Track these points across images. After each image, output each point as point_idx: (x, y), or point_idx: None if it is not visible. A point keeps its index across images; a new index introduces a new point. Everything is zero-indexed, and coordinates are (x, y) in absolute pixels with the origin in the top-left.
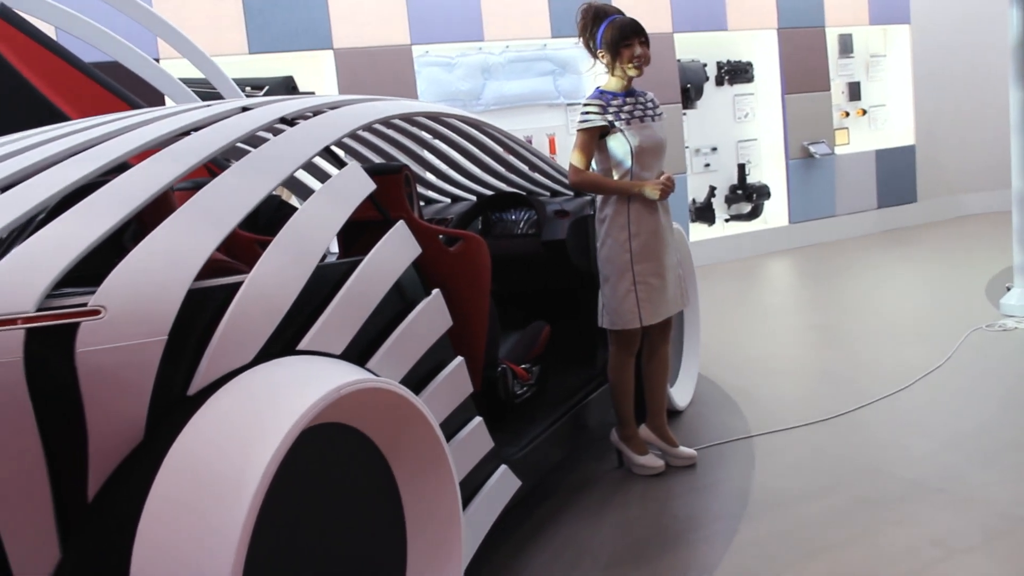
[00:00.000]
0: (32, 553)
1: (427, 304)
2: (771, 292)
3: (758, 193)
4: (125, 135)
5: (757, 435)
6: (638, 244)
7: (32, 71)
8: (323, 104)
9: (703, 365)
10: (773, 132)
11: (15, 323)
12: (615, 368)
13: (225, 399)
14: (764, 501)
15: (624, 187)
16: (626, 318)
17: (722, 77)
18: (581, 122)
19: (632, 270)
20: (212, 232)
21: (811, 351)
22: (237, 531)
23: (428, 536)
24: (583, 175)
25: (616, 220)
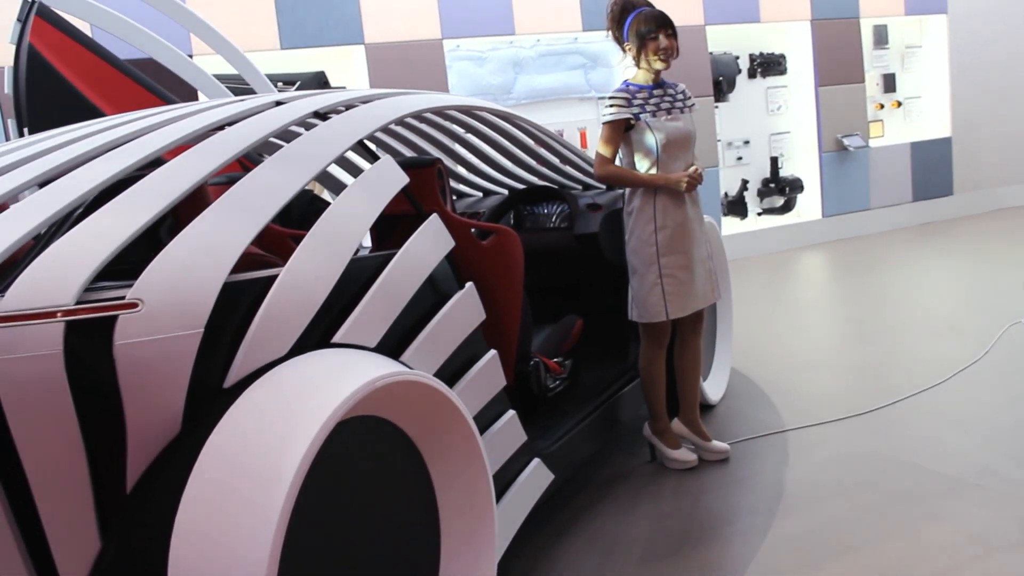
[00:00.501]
0: (73, 543)
1: (461, 297)
2: (804, 286)
3: (791, 186)
4: (160, 130)
5: (791, 430)
6: (664, 237)
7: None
8: (355, 98)
9: (736, 359)
10: (806, 125)
11: (54, 316)
12: (646, 361)
13: (261, 391)
14: (799, 496)
15: (649, 179)
16: (652, 311)
17: (754, 69)
18: (606, 115)
19: (658, 263)
20: (247, 226)
21: (845, 345)
22: (273, 522)
23: (461, 529)
24: (608, 168)
25: (642, 213)
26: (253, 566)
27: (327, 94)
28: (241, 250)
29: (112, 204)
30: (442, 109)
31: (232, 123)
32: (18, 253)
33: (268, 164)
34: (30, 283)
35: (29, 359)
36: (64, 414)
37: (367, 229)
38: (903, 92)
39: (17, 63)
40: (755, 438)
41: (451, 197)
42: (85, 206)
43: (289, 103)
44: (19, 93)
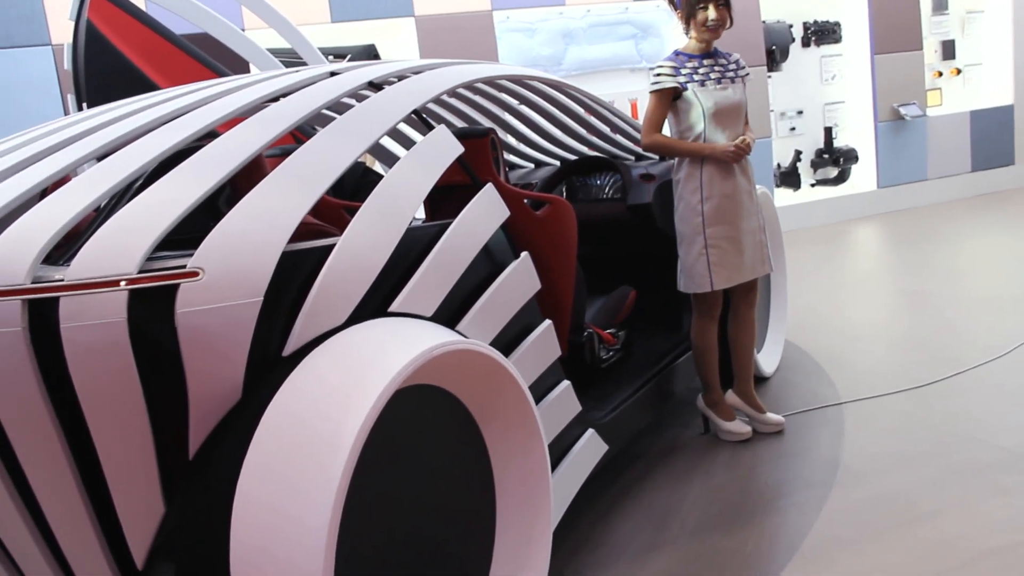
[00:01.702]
0: (138, 507)
1: (516, 267)
2: (859, 258)
3: (845, 157)
4: (217, 102)
5: (847, 402)
6: (710, 207)
7: (126, 44)
8: (407, 69)
9: (790, 331)
10: (861, 94)
11: (118, 284)
12: (697, 332)
13: (320, 360)
14: (855, 469)
15: (695, 149)
16: (698, 281)
17: (808, 38)
18: (653, 84)
19: (704, 233)
20: (304, 195)
21: (901, 317)
22: (333, 490)
23: (517, 498)
24: (655, 137)
25: (689, 182)
26: (313, 532)
27: (380, 65)
28: (299, 220)
29: (172, 175)
30: (493, 79)
31: (287, 94)
32: (80, 224)
33: (324, 135)
34: (94, 253)
35: (94, 326)
36: (128, 381)
37: (423, 198)
38: (963, 59)
39: (76, 39)
40: (810, 410)
41: (504, 168)
42: (144, 178)
43: (343, 74)
44: (78, 68)
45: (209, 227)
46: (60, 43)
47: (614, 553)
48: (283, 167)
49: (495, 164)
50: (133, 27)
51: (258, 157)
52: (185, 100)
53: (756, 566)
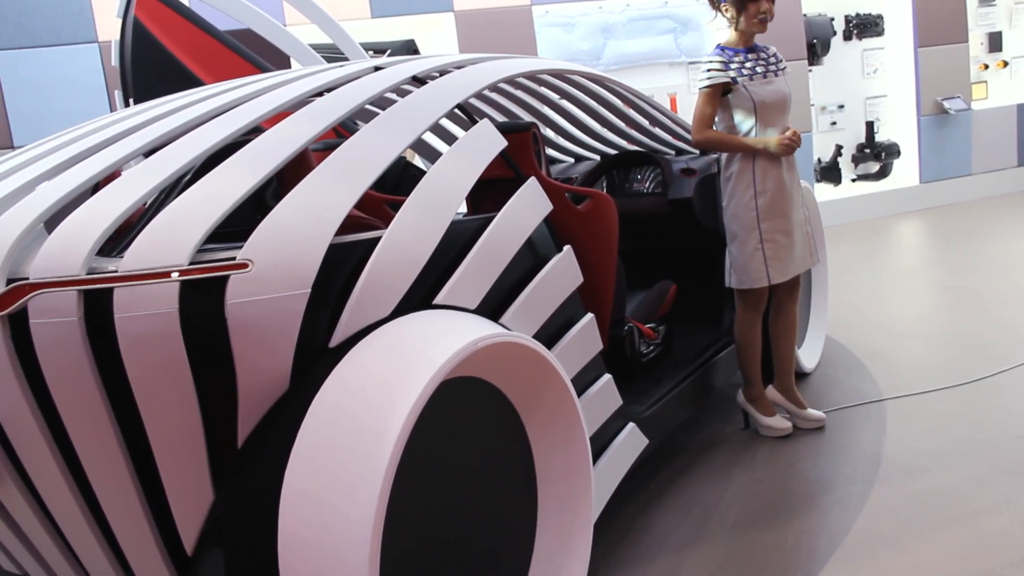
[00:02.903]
0: (188, 494)
1: (559, 260)
2: (901, 253)
3: (887, 152)
4: (263, 96)
5: (889, 399)
6: (764, 201)
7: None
8: (449, 64)
9: (831, 327)
10: (904, 88)
11: (169, 276)
12: (742, 327)
13: (366, 351)
14: (898, 466)
15: (748, 143)
16: (754, 276)
17: (850, 31)
18: (704, 79)
19: (759, 228)
20: (350, 188)
21: (944, 314)
22: (379, 480)
23: (558, 490)
24: (707, 133)
25: (742, 177)
26: (359, 523)
27: (423, 60)
28: (345, 213)
29: (220, 168)
30: (535, 73)
31: (333, 89)
32: (132, 218)
33: (369, 129)
34: (147, 245)
35: (147, 317)
36: (179, 370)
37: (467, 191)
38: (1010, 51)
39: (123, 36)
40: (851, 407)
41: (546, 162)
42: (193, 172)
43: (387, 69)
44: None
45: (256, 220)
46: (107, 40)
47: (654, 547)
48: (329, 161)
49: (537, 158)
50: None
51: (304, 151)
52: (230, 96)
53: (797, 562)
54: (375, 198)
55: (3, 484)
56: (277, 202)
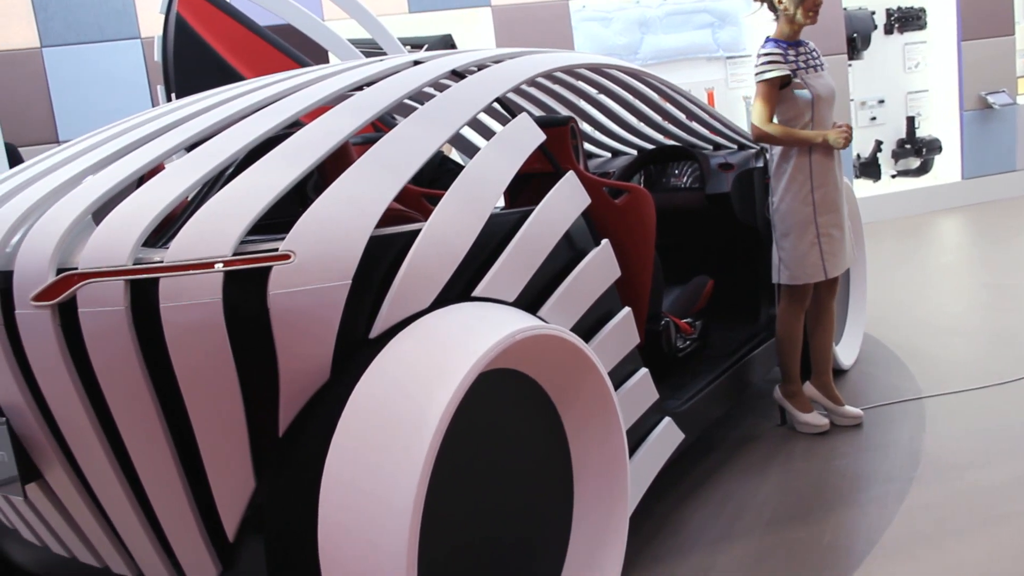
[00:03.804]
0: (230, 481)
1: (596, 254)
2: (941, 250)
3: (928, 147)
4: (304, 90)
5: (928, 397)
6: (820, 196)
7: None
8: (488, 58)
9: (869, 324)
10: (946, 82)
11: (212, 266)
12: (785, 323)
13: (406, 342)
14: (936, 465)
15: (810, 137)
16: (810, 272)
17: (891, 25)
18: (764, 71)
19: (815, 222)
20: (391, 181)
21: (985, 312)
22: (418, 471)
23: (594, 483)
24: (769, 127)
25: (798, 173)
26: (398, 512)
27: (462, 54)
28: (386, 205)
29: (263, 161)
30: (572, 68)
31: (373, 82)
32: (175, 211)
33: (409, 122)
34: (191, 236)
35: (192, 306)
36: (223, 359)
37: (506, 185)
38: None
39: (165, 32)
40: (889, 404)
41: (583, 156)
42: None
43: (427, 62)
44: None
45: (298, 212)
46: (149, 36)
47: (690, 541)
48: (370, 154)
49: (575, 152)
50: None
51: (345, 144)
52: (271, 90)
53: (833, 559)
54: (413, 191)
55: (52, 469)
56: (318, 194)
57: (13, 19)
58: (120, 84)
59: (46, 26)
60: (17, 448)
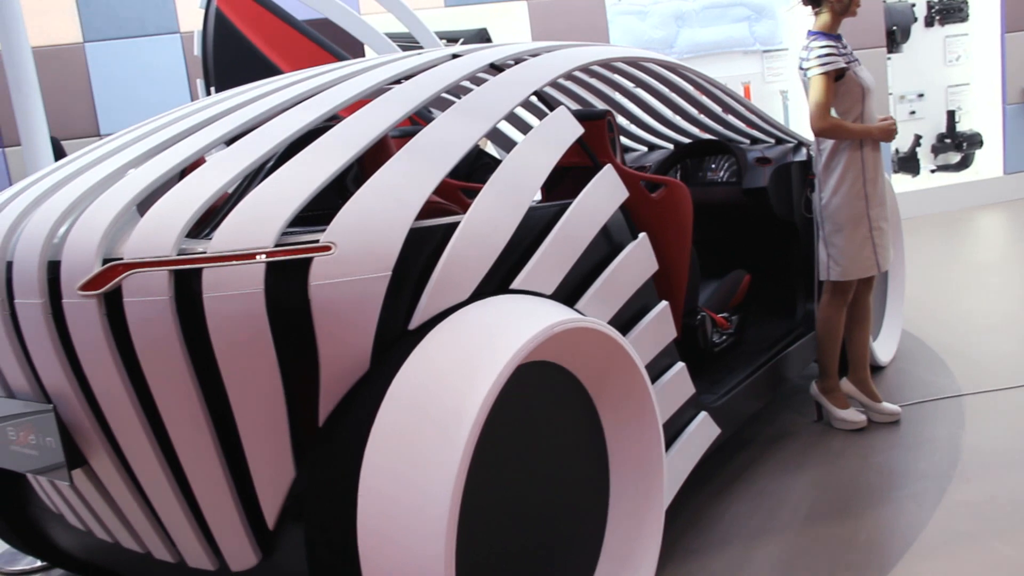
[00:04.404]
0: (271, 470)
1: (634, 247)
2: (981, 247)
3: (968, 142)
4: (344, 83)
5: (967, 395)
6: (872, 189)
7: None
8: (525, 52)
9: (907, 321)
10: (989, 76)
11: (254, 257)
12: (827, 318)
13: (445, 334)
14: (976, 462)
15: (866, 130)
16: (863, 266)
17: (932, 17)
18: (823, 64)
19: (868, 216)
20: (430, 174)
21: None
22: (456, 461)
23: (631, 477)
24: (831, 120)
25: (851, 166)
26: (437, 501)
27: (499, 47)
28: (425, 197)
29: (304, 153)
30: (610, 61)
31: (412, 76)
32: (217, 202)
33: (448, 115)
34: (234, 227)
35: (234, 297)
36: (264, 350)
37: (544, 178)
38: None
39: (205, 27)
40: (927, 401)
41: (620, 150)
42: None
43: (465, 56)
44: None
45: (337, 205)
46: (188, 31)
47: (725, 536)
48: (410, 146)
49: (612, 146)
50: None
51: (384, 137)
52: (310, 84)
53: (870, 556)
54: (450, 185)
55: (97, 455)
56: (358, 187)
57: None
58: (160, 78)
59: (88, 21)
60: (64, 435)
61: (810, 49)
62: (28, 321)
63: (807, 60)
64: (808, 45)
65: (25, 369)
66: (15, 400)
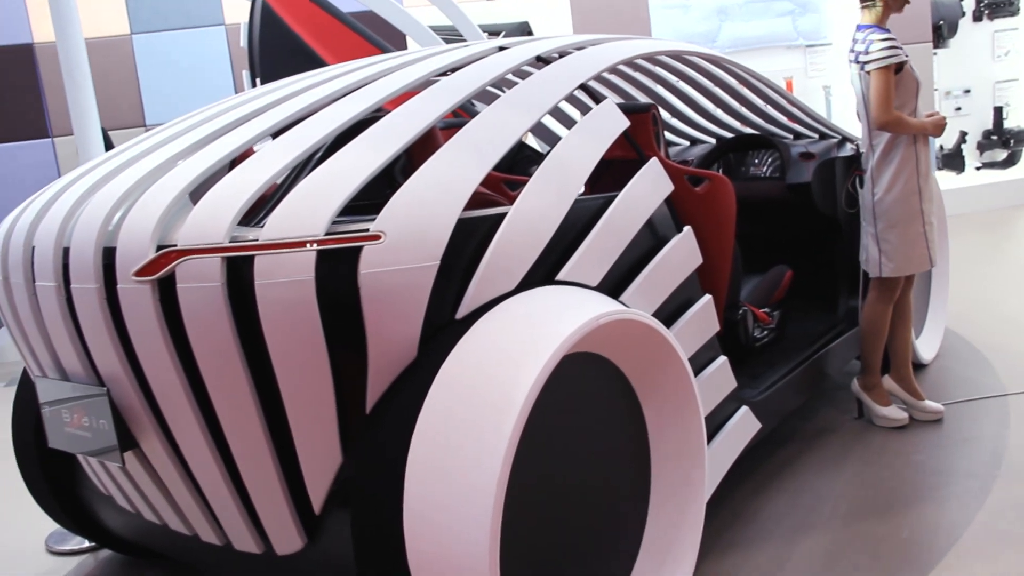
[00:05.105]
0: (318, 455)
1: (679, 240)
2: None
3: (1015, 139)
4: (392, 75)
5: (1012, 394)
6: (925, 184)
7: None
8: (569, 45)
9: (951, 319)
10: None
11: (304, 245)
12: (874, 314)
13: (491, 324)
14: (1021, 462)
15: (922, 125)
16: (917, 262)
17: (980, 12)
18: (888, 57)
19: (921, 211)
20: (478, 165)
21: None
22: (503, 449)
23: (672, 469)
24: (895, 114)
25: (907, 162)
26: (484, 488)
27: (546, 40)
28: (473, 188)
29: (354, 143)
30: (654, 55)
31: (459, 68)
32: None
33: (494, 108)
34: (285, 215)
35: (285, 284)
36: (314, 336)
37: (591, 170)
38: None
39: (251, 19)
40: (971, 400)
41: (664, 143)
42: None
43: (511, 48)
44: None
45: (385, 195)
46: (233, 23)
47: (765, 531)
48: (458, 138)
49: (656, 139)
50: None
51: (432, 128)
52: (357, 75)
53: (912, 554)
54: (494, 177)
55: (148, 438)
56: (406, 177)
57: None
58: (205, 70)
59: (136, 14)
60: (116, 417)
61: (869, 43)
62: (83, 306)
63: (865, 54)
64: (865, 39)
65: (80, 353)
66: (69, 383)
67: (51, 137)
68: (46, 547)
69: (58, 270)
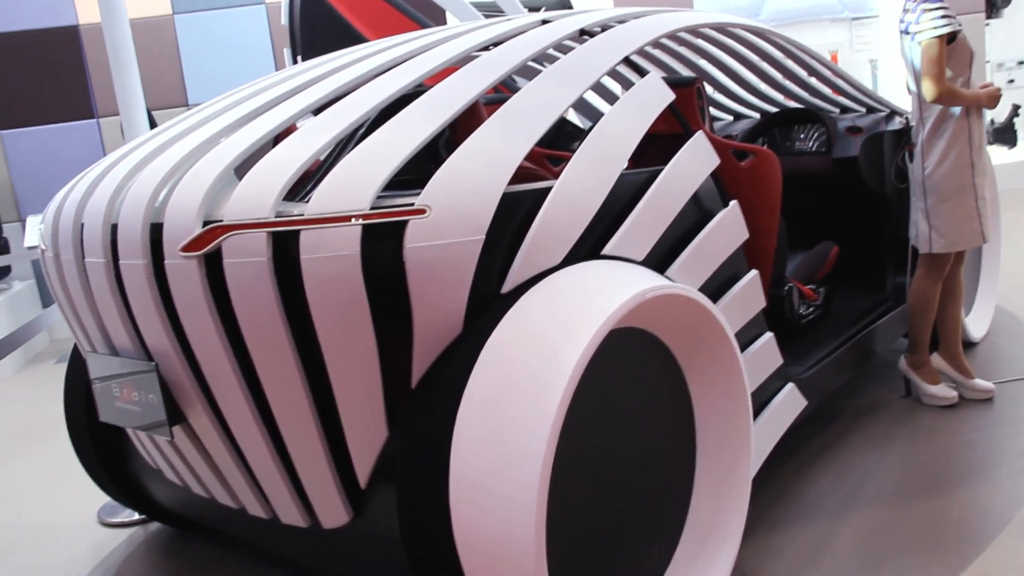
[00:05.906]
0: (364, 430)
1: (725, 215)
2: None
3: None
4: (434, 50)
5: None
6: (978, 157)
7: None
8: (612, 18)
9: (1003, 296)
10: None
11: (349, 220)
12: (922, 291)
13: (537, 298)
14: None
15: (976, 96)
16: (970, 238)
17: None
18: (937, 25)
19: (974, 185)
20: (523, 139)
21: None
22: (549, 423)
23: (718, 445)
24: (949, 85)
25: (959, 135)
26: (529, 462)
27: (589, 13)
28: (518, 162)
29: (398, 118)
30: (698, 27)
31: (501, 42)
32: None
33: (537, 82)
34: (330, 190)
35: (330, 259)
36: (359, 310)
37: (636, 144)
38: None
39: None
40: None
41: (709, 117)
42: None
43: (555, 22)
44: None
45: (430, 170)
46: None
47: (811, 508)
48: (502, 112)
49: (701, 113)
50: None
51: (475, 102)
52: (399, 51)
53: (962, 534)
54: (536, 152)
55: (196, 413)
56: (450, 152)
57: None
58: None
59: None
60: (165, 392)
61: (920, 12)
62: (131, 282)
63: (916, 23)
64: (916, 8)
65: (128, 328)
66: (119, 358)
67: (96, 118)
68: (98, 519)
69: (107, 246)
